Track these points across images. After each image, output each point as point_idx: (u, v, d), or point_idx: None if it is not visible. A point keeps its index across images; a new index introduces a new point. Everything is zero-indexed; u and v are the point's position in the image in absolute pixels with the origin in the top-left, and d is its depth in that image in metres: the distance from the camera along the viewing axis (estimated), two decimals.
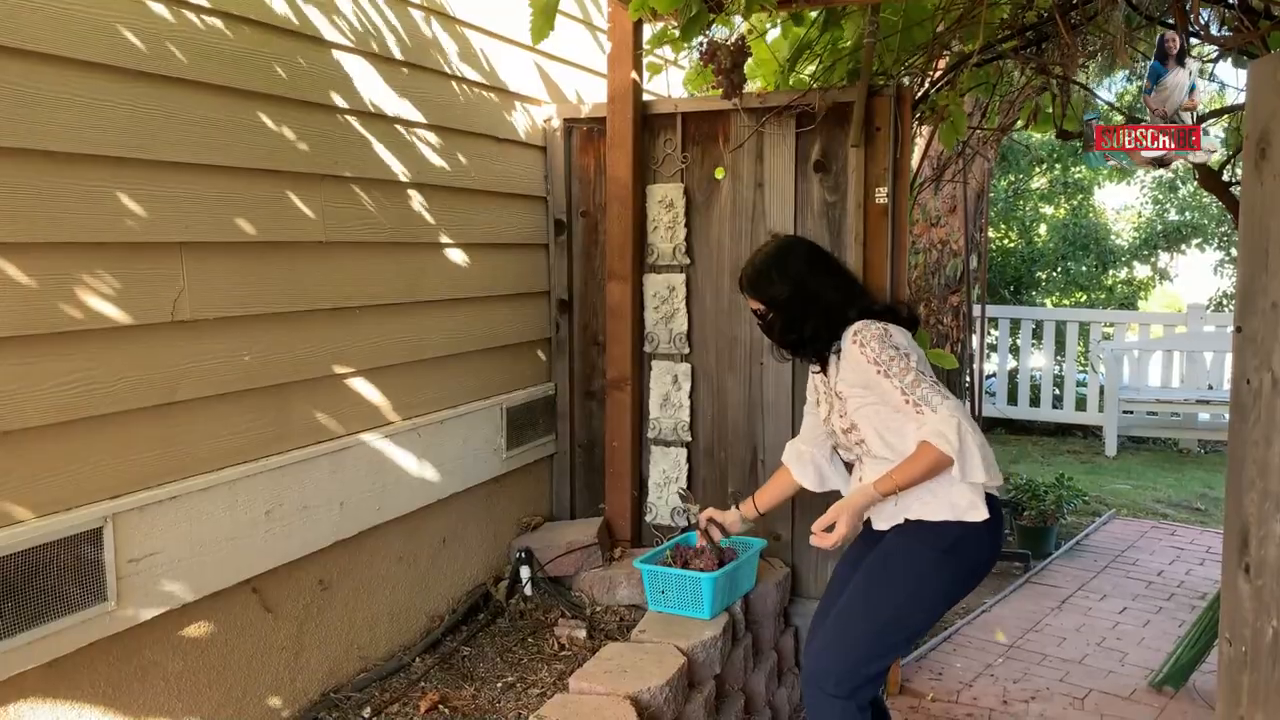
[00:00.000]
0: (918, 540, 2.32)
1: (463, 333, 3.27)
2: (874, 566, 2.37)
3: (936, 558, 2.30)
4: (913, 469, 2.26)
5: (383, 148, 2.87)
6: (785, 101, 3.30)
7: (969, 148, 4.99)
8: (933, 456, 2.22)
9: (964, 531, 2.29)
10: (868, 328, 2.33)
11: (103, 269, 2.04)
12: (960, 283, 6.01)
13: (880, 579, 2.34)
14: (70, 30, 1.96)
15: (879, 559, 2.37)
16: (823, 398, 2.55)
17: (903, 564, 2.32)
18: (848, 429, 2.45)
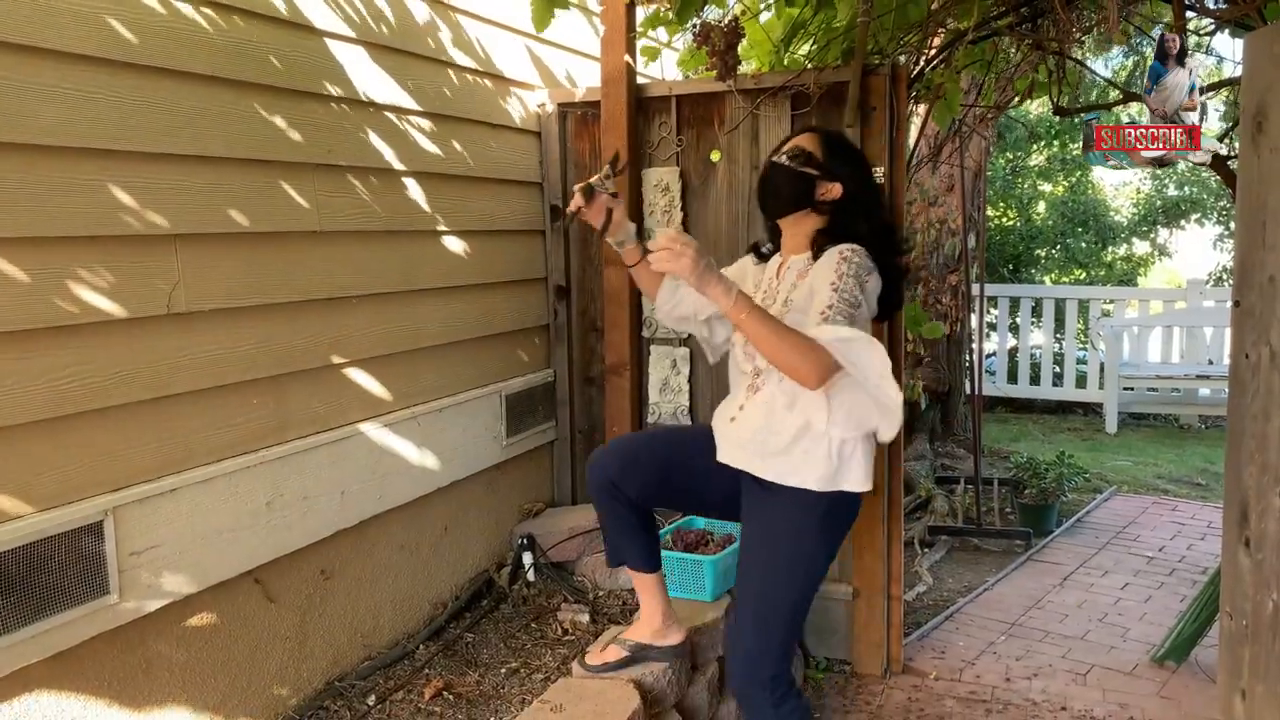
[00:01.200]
0: (800, 513, 2.15)
1: (460, 320, 3.27)
2: (761, 553, 2.21)
3: (820, 526, 2.16)
4: (782, 337, 1.95)
5: (377, 136, 2.85)
6: (780, 82, 3.29)
7: (966, 125, 4.97)
8: (806, 353, 1.93)
9: (846, 498, 2.18)
10: (862, 255, 2.09)
11: (97, 262, 2.04)
12: (959, 262, 6.00)
13: (774, 564, 2.19)
14: (57, 23, 1.95)
15: (766, 542, 2.21)
16: (756, 290, 2.30)
17: (793, 545, 2.18)
18: None
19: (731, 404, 2.30)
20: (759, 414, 2.18)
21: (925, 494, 5.35)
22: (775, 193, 2.23)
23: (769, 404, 2.16)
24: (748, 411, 2.21)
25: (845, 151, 2.28)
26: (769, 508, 2.20)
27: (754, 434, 2.18)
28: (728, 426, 2.28)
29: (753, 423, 2.19)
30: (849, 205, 2.20)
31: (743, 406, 2.23)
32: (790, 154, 2.22)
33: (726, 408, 2.32)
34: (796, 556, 2.17)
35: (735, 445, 2.25)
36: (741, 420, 2.23)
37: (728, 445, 2.28)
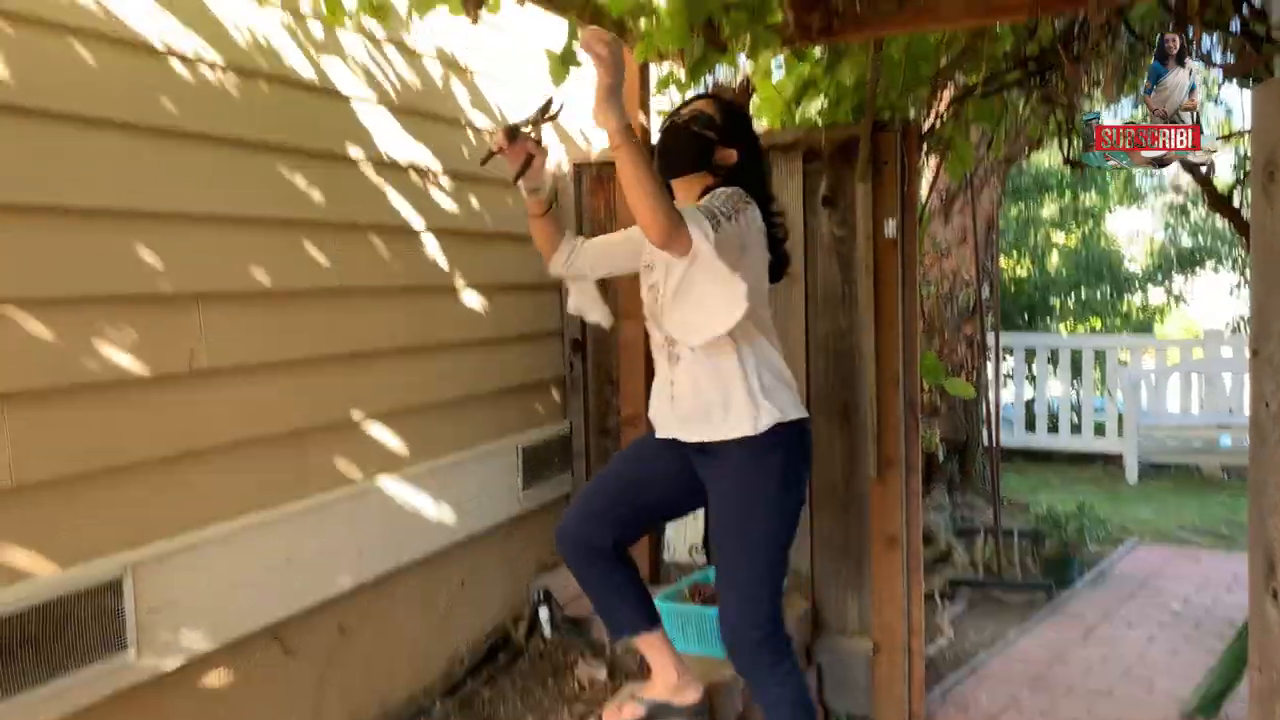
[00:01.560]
0: (751, 461, 2.17)
1: (477, 374, 3.29)
2: (727, 518, 2.21)
3: (774, 467, 2.17)
4: (647, 183, 1.87)
5: (397, 194, 2.91)
6: (791, 139, 3.33)
7: (976, 178, 5.01)
8: (663, 210, 1.87)
9: (788, 429, 2.18)
10: (738, 192, 2.12)
11: (122, 321, 2.08)
12: (973, 312, 6.00)
13: (741, 526, 2.19)
14: (92, 90, 2.01)
15: (728, 505, 2.21)
16: (656, 261, 2.26)
17: (754, 496, 2.18)
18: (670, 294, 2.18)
19: (663, 383, 2.32)
20: (688, 383, 2.22)
21: (945, 546, 5.29)
22: (676, 152, 2.24)
23: (691, 370, 2.21)
24: (679, 386, 2.24)
25: (743, 121, 2.34)
26: (720, 470, 2.22)
27: (694, 404, 2.21)
28: (668, 407, 2.30)
29: (688, 394, 2.22)
30: (740, 172, 2.23)
31: (673, 382, 2.26)
32: (691, 116, 2.26)
33: (660, 389, 2.34)
34: (761, 508, 2.18)
35: (681, 421, 2.26)
36: (678, 396, 2.25)
37: (672, 424, 2.29)
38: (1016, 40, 3.35)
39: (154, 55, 2.17)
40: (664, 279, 2.20)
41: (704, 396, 2.19)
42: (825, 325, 3.39)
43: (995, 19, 2.77)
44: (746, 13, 2.82)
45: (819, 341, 3.40)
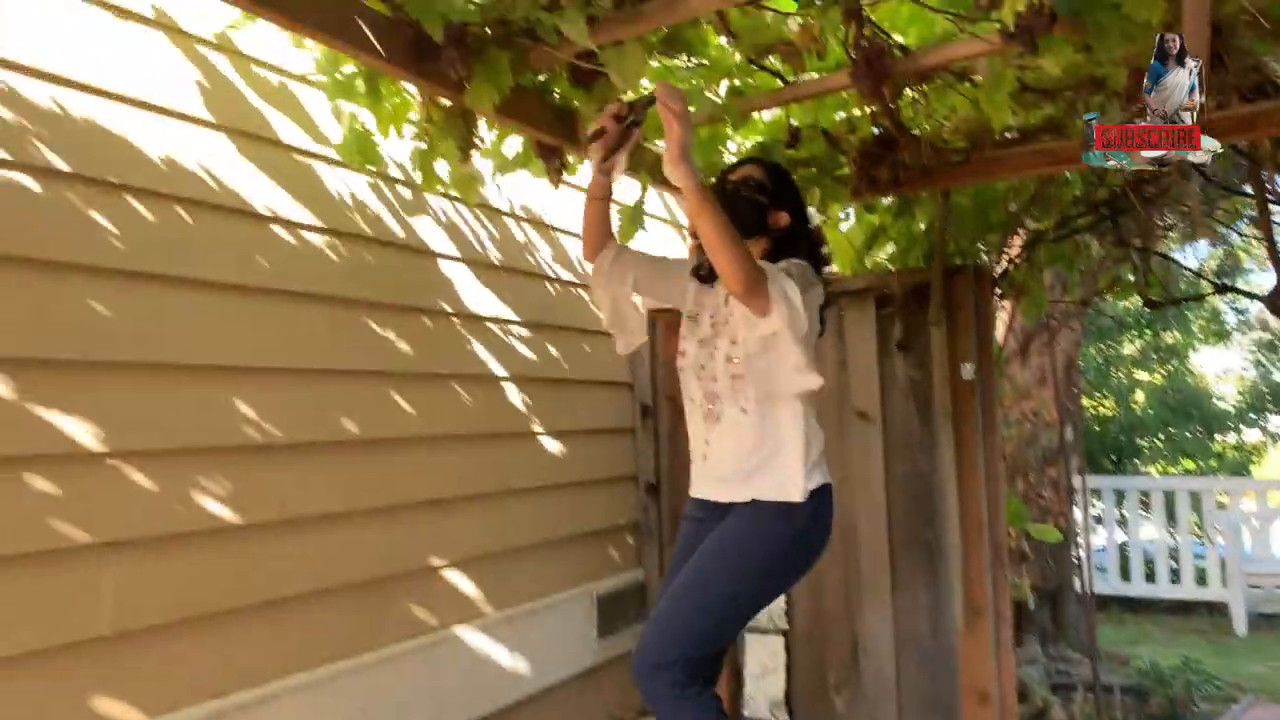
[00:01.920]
0: (763, 521, 2.08)
1: (552, 520, 3.30)
2: (710, 549, 2.10)
3: (798, 536, 2.08)
4: (728, 231, 1.87)
5: (479, 345, 3.01)
6: (863, 285, 3.38)
7: (1053, 319, 4.98)
8: (745, 260, 1.88)
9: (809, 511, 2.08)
10: (805, 266, 2.11)
11: (217, 471, 2.16)
12: (1058, 454, 5.85)
13: (718, 560, 2.08)
14: (195, 255, 2.15)
15: (716, 541, 2.11)
16: (705, 313, 2.25)
17: (745, 544, 2.09)
18: (741, 357, 2.13)
19: (697, 441, 2.24)
20: (728, 443, 2.13)
21: (1041, 703, 4.99)
22: (732, 217, 2.13)
23: (733, 429, 2.13)
24: (715, 445, 2.17)
25: (790, 183, 2.31)
26: (737, 520, 2.11)
27: (730, 464, 2.13)
28: (701, 465, 2.22)
29: (724, 453, 2.14)
30: (792, 235, 2.21)
31: (709, 441, 2.18)
32: (741, 180, 2.25)
33: (695, 446, 2.26)
34: (756, 559, 2.06)
35: (715, 481, 2.18)
36: (713, 455, 2.18)
37: (706, 483, 2.21)
38: (1086, 185, 3.39)
39: (256, 220, 2.32)
40: (731, 335, 2.16)
41: (748, 456, 2.11)
42: (904, 467, 3.35)
43: (1062, 168, 2.81)
44: (815, 168, 2.92)
45: (898, 483, 3.35)
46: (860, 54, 2.09)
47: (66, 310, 1.89)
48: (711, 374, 2.18)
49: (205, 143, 2.21)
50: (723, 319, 2.20)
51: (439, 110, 2.26)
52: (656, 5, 1.93)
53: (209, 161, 2.21)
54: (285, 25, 1.79)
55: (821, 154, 2.88)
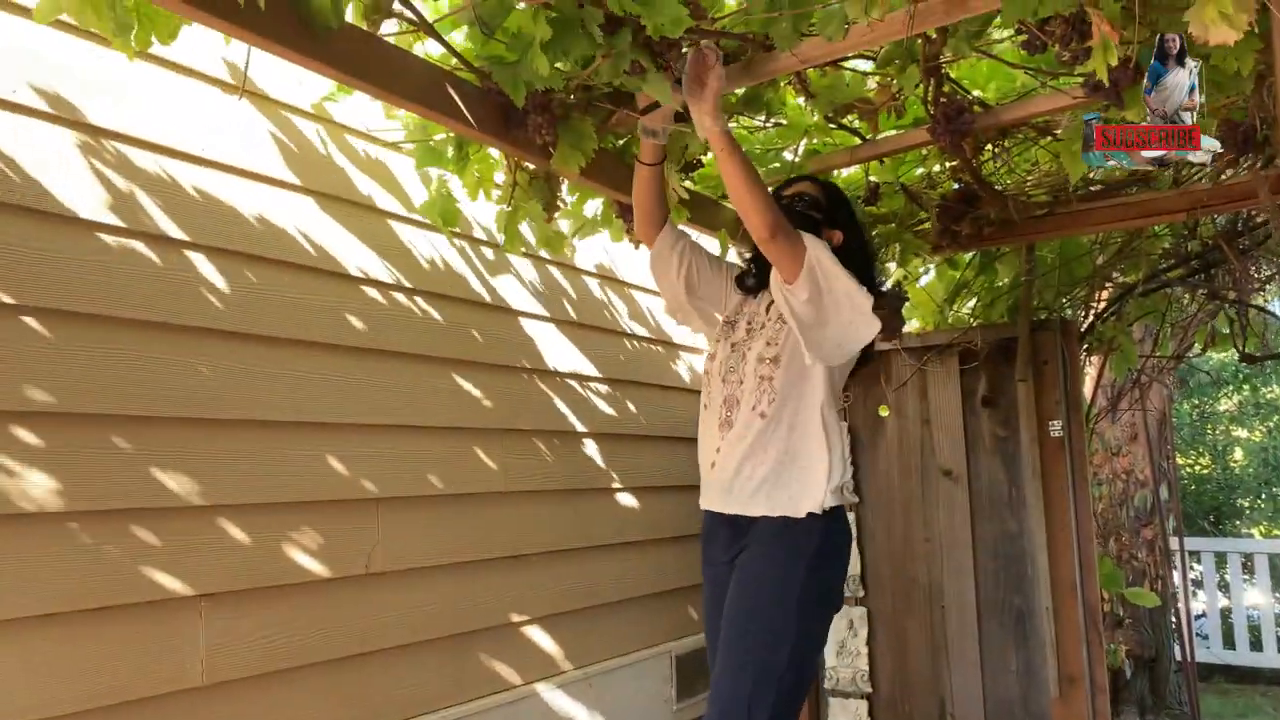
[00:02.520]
0: (795, 540, 2.00)
1: (632, 577, 3.29)
2: (733, 611, 2.00)
3: (816, 552, 1.99)
4: (754, 181, 1.87)
5: (559, 400, 3.05)
6: (946, 340, 3.34)
7: (1144, 374, 4.83)
8: (770, 207, 1.88)
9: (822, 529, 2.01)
10: None
11: (308, 525, 2.21)
12: (1152, 515, 5.62)
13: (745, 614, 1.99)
14: (296, 316, 2.24)
15: (736, 595, 2.01)
16: (743, 320, 2.22)
17: (763, 585, 2.00)
18: (771, 358, 2.09)
19: (707, 449, 2.18)
20: (739, 449, 2.07)
21: None
22: None
23: (743, 437, 2.07)
24: (724, 453, 2.10)
25: (845, 203, 2.25)
26: (754, 546, 2.04)
27: (737, 473, 2.06)
28: (709, 474, 2.16)
29: (733, 462, 2.08)
30: (846, 254, 2.09)
31: (719, 449, 2.12)
32: (794, 196, 2.21)
33: (704, 452, 2.19)
34: (789, 590, 1.97)
35: (721, 491, 2.11)
36: (721, 464, 2.11)
37: (713, 493, 2.15)
38: (1176, 236, 3.31)
39: (349, 281, 2.41)
40: (766, 337, 2.12)
41: (757, 467, 2.05)
42: (992, 528, 3.26)
43: (1151, 222, 2.76)
44: (895, 223, 2.92)
45: (986, 544, 3.26)
46: (940, 111, 2.10)
47: (173, 370, 1.98)
48: (739, 376, 2.13)
49: (301, 208, 2.31)
50: (759, 324, 2.17)
51: (524, 174, 2.33)
52: (737, 68, 1.96)
53: (305, 225, 2.31)
54: (380, 96, 1.87)
55: (901, 209, 2.87)
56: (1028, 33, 1.75)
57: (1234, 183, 2.61)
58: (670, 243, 2.27)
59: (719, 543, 2.15)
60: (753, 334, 2.16)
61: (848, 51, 1.90)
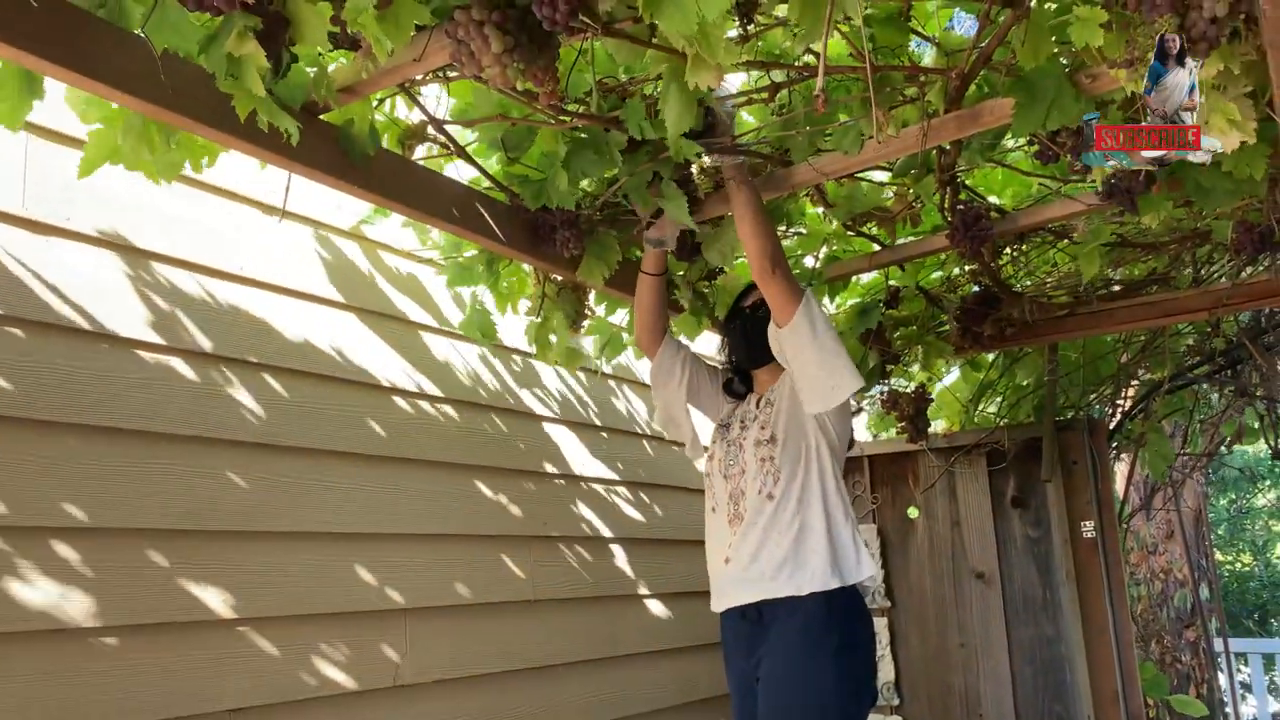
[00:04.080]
0: (814, 622, 1.99)
1: (663, 685, 3.23)
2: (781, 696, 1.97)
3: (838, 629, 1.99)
4: (764, 220, 1.97)
5: (585, 507, 3.04)
6: (972, 441, 3.33)
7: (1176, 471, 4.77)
8: (776, 248, 1.98)
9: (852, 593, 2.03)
10: None
11: (336, 637, 2.20)
12: (1193, 615, 5.47)
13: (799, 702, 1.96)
14: (322, 428, 2.28)
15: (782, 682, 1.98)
16: (735, 420, 2.29)
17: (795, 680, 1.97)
18: (768, 439, 2.14)
19: (718, 548, 2.19)
20: (752, 539, 2.09)
21: None
22: (758, 339, 2.20)
23: (755, 523, 2.09)
24: (737, 546, 2.12)
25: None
26: (776, 652, 2.02)
27: (754, 560, 2.07)
28: (723, 570, 2.16)
29: (749, 550, 2.09)
30: None
31: (730, 544, 2.14)
32: (755, 304, 2.26)
33: (715, 553, 2.21)
34: (823, 694, 1.95)
35: (739, 583, 2.11)
36: (735, 556, 2.12)
37: (729, 587, 2.14)
38: (1199, 334, 3.32)
39: (377, 390, 2.45)
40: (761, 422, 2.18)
41: (775, 549, 2.06)
42: (1028, 632, 3.19)
43: (1173, 320, 2.77)
44: (916, 326, 2.94)
45: (1023, 649, 3.19)
46: (958, 217, 2.14)
47: (206, 482, 2.01)
48: (740, 467, 2.19)
49: (333, 321, 2.37)
50: (752, 417, 2.25)
51: (553, 286, 2.39)
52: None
53: (337, 339, 2.37)
54: (415, 217, 1.94)
55: (921, 312, 2.91)
56: (1039, 144, 1.80)
57: (1254, 281, 2.63)
58: (673, 352, 2.38)
59: (740, 647, 2.16)
60: (746, 427, 2.24)
61: (864, 165, 1.96)
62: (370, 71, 1.53)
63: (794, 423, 2.14)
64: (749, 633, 2.12)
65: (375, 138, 1.75)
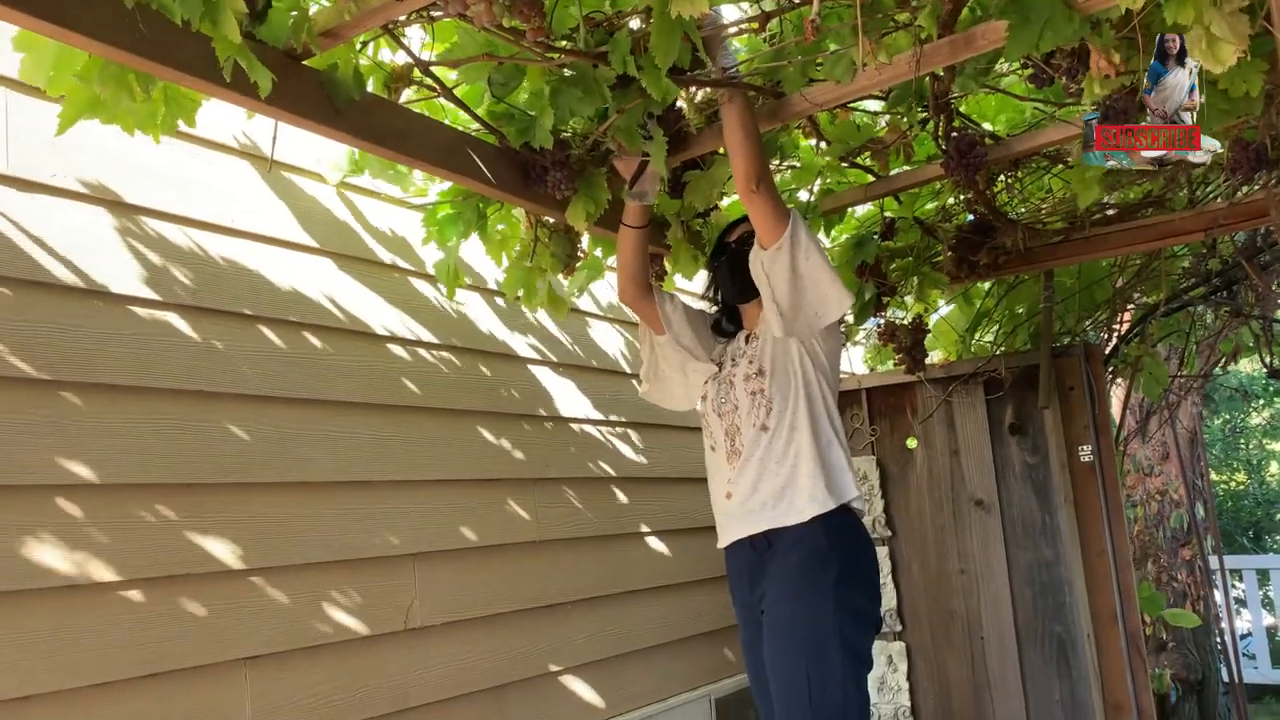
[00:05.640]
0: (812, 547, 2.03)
1: (666, 621, 3.28)
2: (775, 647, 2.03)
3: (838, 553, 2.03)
4: (755, 136, 1.93)
5: (586, 448, 3.06)
6: (969, 370, 3.34)
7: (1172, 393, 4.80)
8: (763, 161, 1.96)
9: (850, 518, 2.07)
10: None
11: (346, 583, 2.23)
12: (1189, 534, 5.55)
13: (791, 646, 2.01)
14: (326, 377, 2.28)
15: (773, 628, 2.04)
16: (726, 359, 2.28)
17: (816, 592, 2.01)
18: (756, 372, 2.15)
19: (719, 485, 2.22)
20: (751, 469, 2.12)
21: None
22: (742, 279, 2.18)
23: (752, 456, 2.12)
24: (737, 480, 2.15)
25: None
26: (778, 582, 2.06)
27: (754, 491, 2.11)
28: (725, 505, 2.19)
29: (749, 482, 2.12)
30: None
31: (730, 479, 2.16)
32: (742, 237, 2.23)
33: (717, 489, 2.23)
34: (824, 627, 1.99)
35: (742, 515, 2.14)
36: (737, 491, 2.15)
37: (732, 522, 2.17)
38: (1195, 256, 3.31)
39: (374, 338, 2.45)
40: (748, 357, 2.19)
41: (774, 477, 2.09)
42: (1027, 556, 3.24)
43: (1168, 243, 2.76)
44: (911, 257, 2.93)
45: (1022, 573, 3.24)
46: (952, 145, 2.12)
47: (209, 436, 2.02)
48: (732, 403, 2.20)
49: (325, 272, 2.36)
50: (741, 353, 2.25)
51: (544, 230, 2.37)
52: None
53: (330, 289, 2.36)
54: (404, 161, 1.92)
55: (917, 242, 2.89)
56: (1034, 67, 1.78)
57: (1250, 200, 2.61)
58: (660, 304, 2.32)
59: (745, 579, 2.18)
60: (736, 363, 2.24)
61: (857, 94, 1.94)
62: (353, 14, 1.50)
63: (781, 351, 2.14)
64: (755, 563, 2.14)
65: (360, 82, 1.72)
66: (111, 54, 1.40)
